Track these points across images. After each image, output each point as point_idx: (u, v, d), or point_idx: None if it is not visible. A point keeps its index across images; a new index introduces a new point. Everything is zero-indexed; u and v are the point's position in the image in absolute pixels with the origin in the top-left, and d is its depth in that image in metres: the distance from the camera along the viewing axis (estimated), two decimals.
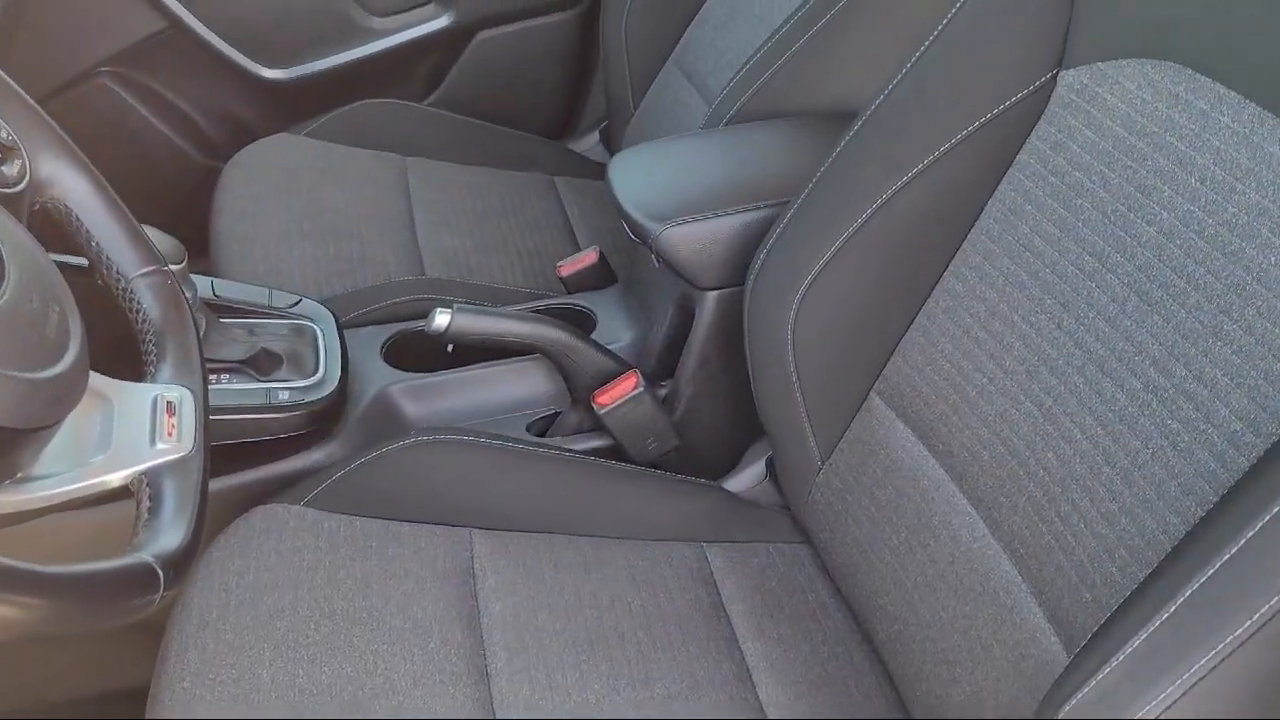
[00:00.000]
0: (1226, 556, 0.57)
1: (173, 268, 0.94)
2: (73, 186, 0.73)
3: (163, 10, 1.53)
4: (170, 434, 0.61)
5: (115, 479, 0.61)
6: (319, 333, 1.06)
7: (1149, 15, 0.75)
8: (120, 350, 0.73)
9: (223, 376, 0.98)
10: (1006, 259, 0.81)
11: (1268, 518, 0.56)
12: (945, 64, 0.88)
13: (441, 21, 1.62)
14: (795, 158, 1.04)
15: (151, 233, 0.94)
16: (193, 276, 1.00)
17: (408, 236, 1.33)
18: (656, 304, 1.10)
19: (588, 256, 1.21)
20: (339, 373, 1.02)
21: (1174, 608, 0.58)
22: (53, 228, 0.75)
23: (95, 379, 0.64)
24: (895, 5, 1.10)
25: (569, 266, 1.21)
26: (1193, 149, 0.70)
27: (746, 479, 1.07)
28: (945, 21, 0.88)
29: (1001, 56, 0.84)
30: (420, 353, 1.11)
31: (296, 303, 1.09)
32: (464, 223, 1.39)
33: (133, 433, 0.63)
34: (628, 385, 1.02)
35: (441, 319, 0.99)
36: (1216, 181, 0.68)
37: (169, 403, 0.62)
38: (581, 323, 1.16)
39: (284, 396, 0.98)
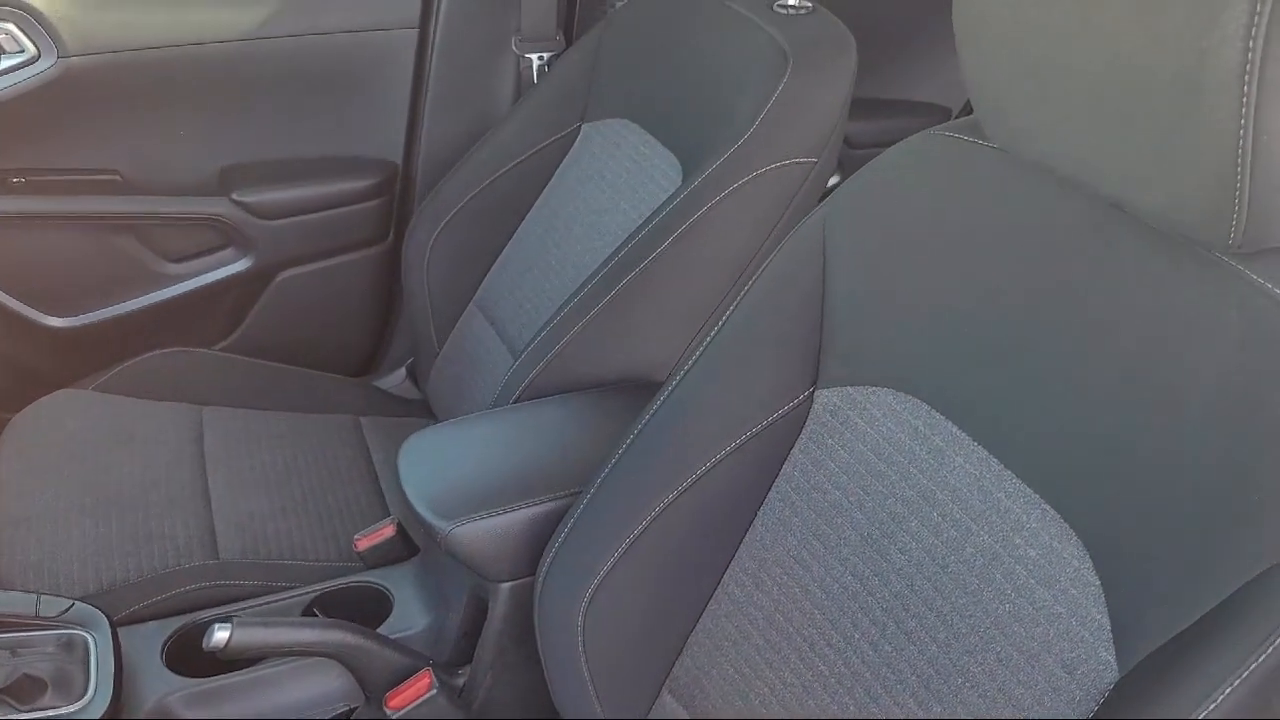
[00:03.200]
0: None
1: None
2: None
3: None
4: None
5: None
6: (91, 642, 1.00)
7: (890, 350, 0.81)
8: None
9: None
10: (778, 569, 0.84)
11: None
12: (720, 371, 0.92)
13: (241, 265, 1.60)
14: (585, 442, 1.05)
15: None
16: None
17: (200, 504, 1.28)
18: (452, 590, 1.08)
19: (385, 530, 1.18)
20: (110, 692, 0.95)
21: None
22: None
23: None
24: (680, 282, 1.15)
25: (366, 540, 1.18)
26: (933, 484, 0.75)
27: None
28: (719, 328, 0.92)
29: (766, 370, 0.88)
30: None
31: (68, 608, 1.02)
32: (262, 482, 1.35)
33: None
34: (421, 687, 0.99)
35: (220, 635, 0.95)
36: (955, 520, 0.73)
37: None
38: (377, 604, 1.13)
39: None
